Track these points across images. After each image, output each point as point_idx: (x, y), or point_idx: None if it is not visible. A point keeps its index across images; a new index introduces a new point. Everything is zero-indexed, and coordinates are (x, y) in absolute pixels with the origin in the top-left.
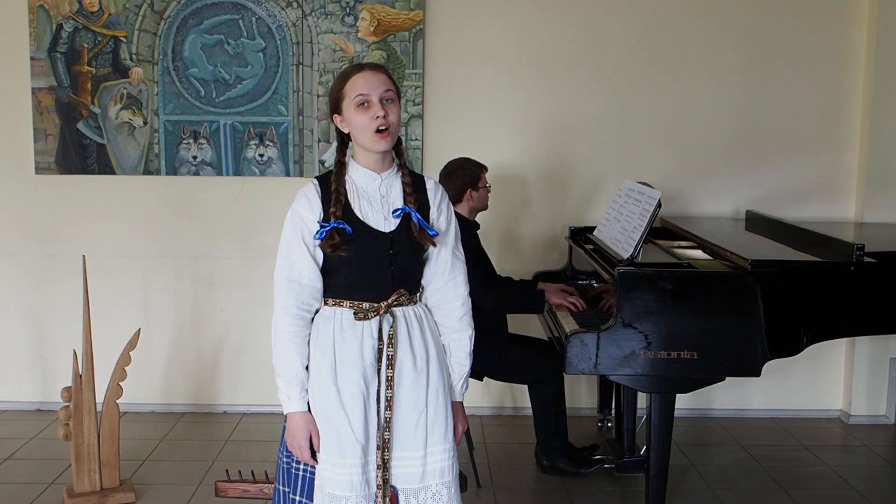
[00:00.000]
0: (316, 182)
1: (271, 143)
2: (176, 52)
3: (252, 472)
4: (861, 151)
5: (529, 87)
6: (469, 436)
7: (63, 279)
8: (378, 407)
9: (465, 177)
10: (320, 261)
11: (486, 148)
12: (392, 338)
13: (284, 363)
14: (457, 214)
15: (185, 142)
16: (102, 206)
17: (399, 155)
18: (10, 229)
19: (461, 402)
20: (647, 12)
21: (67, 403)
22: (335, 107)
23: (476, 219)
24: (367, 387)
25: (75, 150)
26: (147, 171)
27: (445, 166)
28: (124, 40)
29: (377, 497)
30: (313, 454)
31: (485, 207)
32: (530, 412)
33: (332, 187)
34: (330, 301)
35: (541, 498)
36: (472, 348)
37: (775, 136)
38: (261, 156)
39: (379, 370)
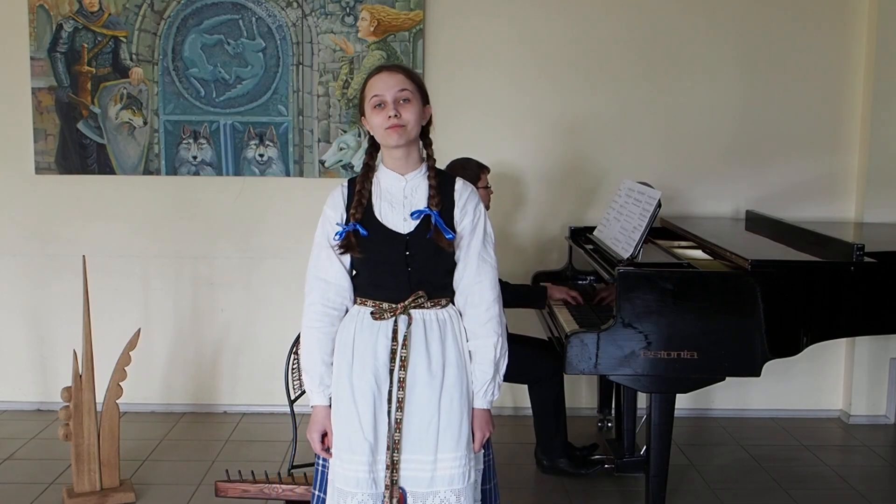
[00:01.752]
0: (345, 184)
1: (271, 143)
2: (176, 52)
3: (252, 472)
4: (861, 151)
5: (529, 87)
6: None
7: (63, 279)
8: (389, 407)
9: (464, 176)
10: (347, 260)
11: (485, 148)
12: (406, 339)
13: (307, 358)
14: None
15: (185, 142)
16: (102, 206)
17: (428, 157)
18: (10, 229)
19: (487, 410)
20: (647, 12)
21: (67, 403)
22: (361, 110)
23: None
24: (378, 386)
25: (75, 150)
26: (147, 171)
27: (447, 165)
28: (124, 40)
29: (384, 497)
30: (327, 449)
31: (486, 208)
32: (530, 412)
33: (356, 189)
34: (357, 300)
35: (541, 498)
36: (500, 356)
37: (775, 136)
38: (261, 156)
39: (392, 371)
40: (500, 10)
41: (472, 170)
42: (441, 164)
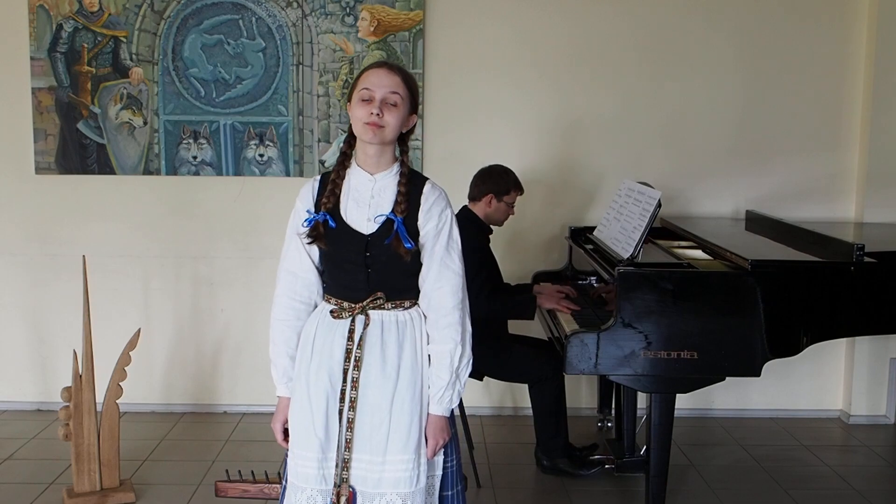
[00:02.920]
0: (318, 178)
1: (271, 143)
2: (176, 52)
3: (252, 472)
4: (861, 151)
5: (529, 88)
6: (469, 436)
7: (63, 279)
8: (342, 406)
9: (496, 183)
10: (315, 254)
11: (485, 148)
12: (362, 340)
13: (273, 349)
14: (471, 213)
15: (185, 142)
16: (102, 206)
17: (402, 162)
18: (10, 229)
19: (444, 417)
20: (647, 12)
21: (67, 403)
22: (350, 96)
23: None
24: (332, 385)
25: (75, 150)
26: (147, 171)
27: (490, 166)
28: (124, 40)
29: (333, 494)
30: (287, 439)
31: (499, 223)
32: (530, 412)
33: (330, 178)
34: (325, 297)
35: (541, 498)
36: (459, 364)
37: (775, 136)
38: (261, 156)
39: (346, 370)
40: (501, 11)
41: (505, 181)
42: (436, 165)
